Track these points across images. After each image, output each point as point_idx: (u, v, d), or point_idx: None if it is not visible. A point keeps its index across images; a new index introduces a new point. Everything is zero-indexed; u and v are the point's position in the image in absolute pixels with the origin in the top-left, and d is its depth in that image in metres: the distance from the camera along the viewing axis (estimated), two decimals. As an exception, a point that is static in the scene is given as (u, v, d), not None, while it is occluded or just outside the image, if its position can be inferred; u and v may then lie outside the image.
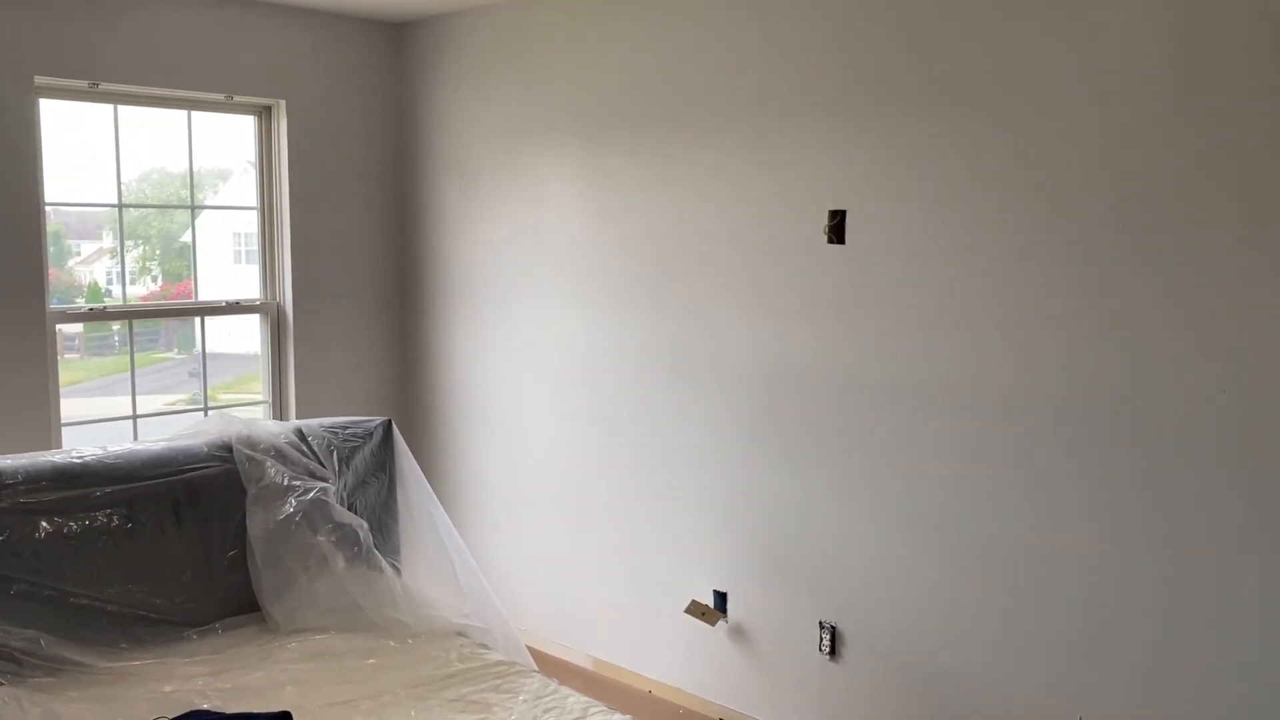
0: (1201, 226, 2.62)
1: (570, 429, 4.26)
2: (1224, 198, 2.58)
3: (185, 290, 4.60)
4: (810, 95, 3.38)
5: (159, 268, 4.66)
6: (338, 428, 3.35)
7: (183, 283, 4.63)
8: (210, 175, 4.63)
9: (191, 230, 4.54)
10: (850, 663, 3.42)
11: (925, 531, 3.21)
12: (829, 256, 3.38)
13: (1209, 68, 2.58)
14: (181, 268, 4.64)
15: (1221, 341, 2.61)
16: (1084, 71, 2.79)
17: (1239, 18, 2.52)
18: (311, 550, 3.05)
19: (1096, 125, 2.77)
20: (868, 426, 3.32)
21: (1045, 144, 2.88)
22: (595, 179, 4.07)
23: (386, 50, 4.85)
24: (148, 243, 4.59)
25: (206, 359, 4.54)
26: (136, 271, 4.52)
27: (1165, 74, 2.65)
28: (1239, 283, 2.57)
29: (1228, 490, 2.62)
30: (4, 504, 2.75)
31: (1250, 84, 2.52)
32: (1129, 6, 2.70)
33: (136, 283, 4.50)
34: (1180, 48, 2.62)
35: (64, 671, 2.70)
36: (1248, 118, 2.53)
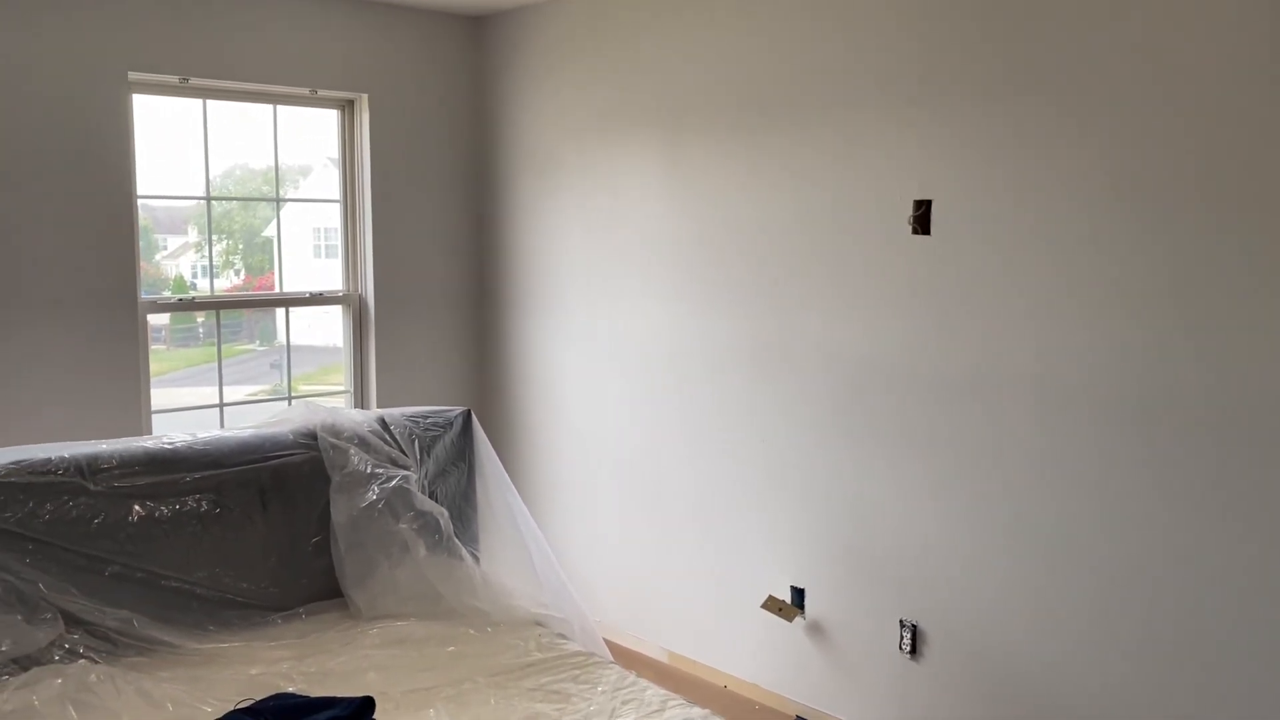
0: (1312, 215, 2.51)
1: (646, 422, 4.24)
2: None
3: (267, 283, 4.69)
4: (896, 84, 3.31)
5: (242, 261, 4.75)
6: (419, 417, 3.37)
7: (264, 276, 4.73)
8: (291, 171, 4.71)
9: (276, 224, 4.62)
10: (931, 662, 3.36)
11: (1012, 529, 3.13)
12: (914, 247, 3.31)
13: (1322, 48, 2.47)
14: (264, 261, 4.73)
15: (1333, 335, 2.50)
16: (1184, 59, 2.68)
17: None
18: (393, 537, 3.07)
19: (1194, 115, 2.66)
20: (953, 421, 3.25)
21: (1140, 134, 2.78)
22: (674, 171, 4.04)
23: (466, 44, 4.88)
24: (231, 237, 4.69)
25: (289, 351, 4.63)
26: (220, 265, 4.62)
27: (1267, 63, 2.54)
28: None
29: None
30: (100, 488, 2.82)
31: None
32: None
33: (220, 276, 4.60)
34: None
35: (155, 652, 2.76)
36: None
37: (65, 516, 2.75)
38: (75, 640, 2.68)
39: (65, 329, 3.87)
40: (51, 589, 2.68)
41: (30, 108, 3.74)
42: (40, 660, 2.61)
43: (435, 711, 2.49)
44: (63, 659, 2.64)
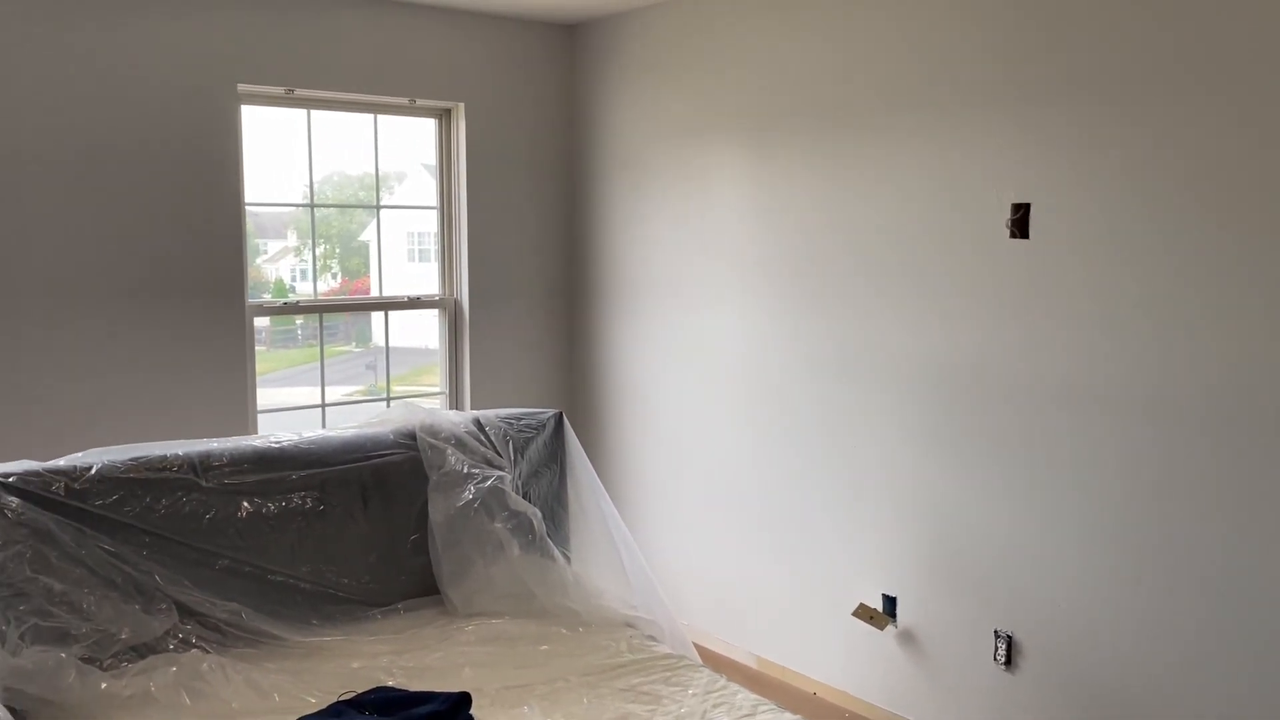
0: None
1: (735, 427, 4.25)
2: None
3: (363, 286, 4.82)
4: (992, 84, 3.26)
5: (339, 265, 4.89)
6: (512, 418, 3.43)
7: (360, 279, 4.86)
8: (387, 177, 4.83)
9: (376, 229, 4.75)
10: (1027, 674, 3.29)
11: (1117, 541, 3.05)
12: (1010, 252, 3.26)
13: None
14: (359, 265, 4.86)
15: None
16: (1301, 52, 2.59)
17: None
18: (489, 537, 3.14)
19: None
20: (1052, 430, 3.19)
21: (1257, 136, 2.69)
22: (764, 176, 4.04)
23: (560, 52, 4.95)
24: (328, 241, 4.83)
25: (388, 353, 4.75)
26: (318, 269, 4.76)
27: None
28: None
29: None
30: (211, 484, 2.94)
31: None
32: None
33: (318, 279, 4.74)
34: None
35: (262, 643, 2.87)
36: None
37: (179, 511, 2.88)
38: (188, 630, 2.79)
39: (178, 330, 4.03)
40: (167, 581, 2.80)
41: (147, 118, 3.92)
42: (156, 649, 2.73)
43: (529, 709, 2.54)
44: (176, 648, 2.75)
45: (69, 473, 2.77)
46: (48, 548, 2.67)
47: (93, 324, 3.85)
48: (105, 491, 2.78)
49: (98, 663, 2.63)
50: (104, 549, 2.74)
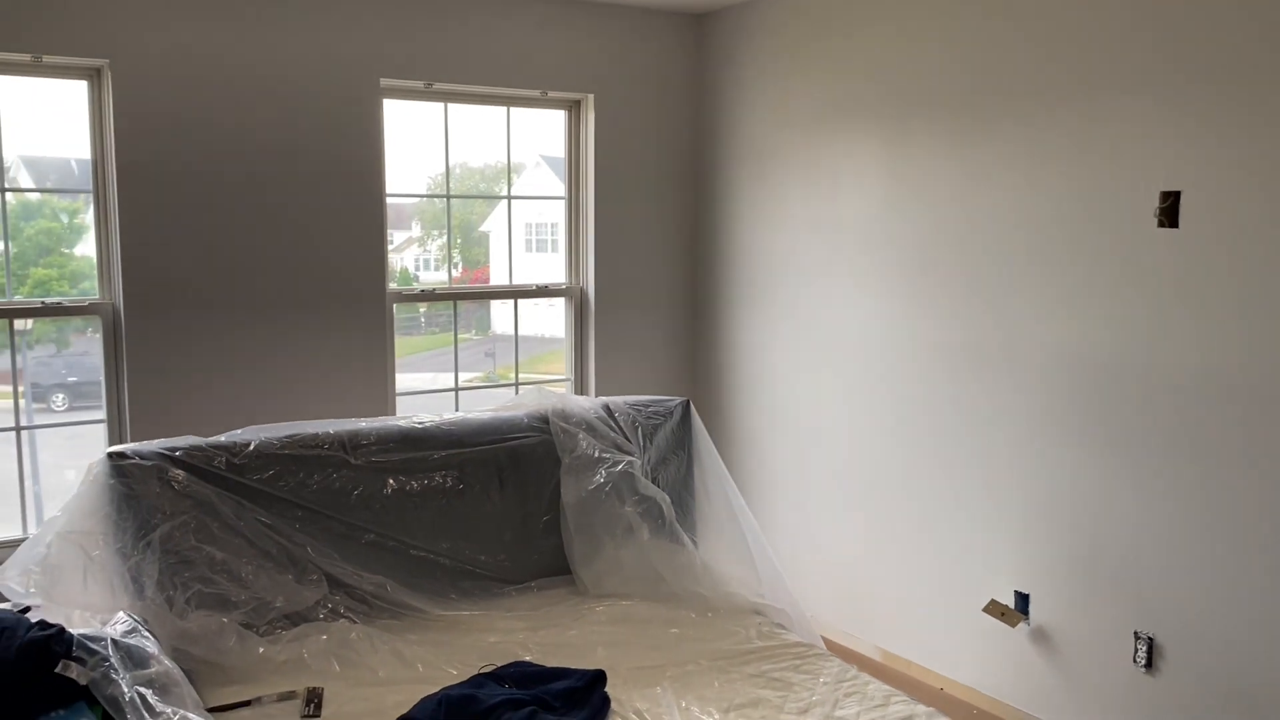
0: None
1: (863, 419, 4.22)
2: None
3: (483, 276, 4.93)
4: (1140, 69, 3.16)
5: (459, 255, 5.01)
6: (640, 405, 3.49)
7: (481, 269, 4.97)
8: (502, 170, 4.91)
9: (508, 218, 4.86)
10: (1168, 678, 3.20)
11: (1262, 542, 2.94)
12: (1158, 242, 3.16)
13: None
14: (479, 254, 4.97)
15: None
16: None
17: None
18: (618, 520, 3.20)
19: None
20: (1194, 426, 3.08)
21: None
22: (898, 166, 4.00)
23: (688, 42, 4.98)
24: (450, 232, 4.96)
25: (517, 340, 4.86)
26: (440, 259, 4.90)
27: None
28: None
29: None
30: (360, 462, 3.07)
31: None
32: None
33: (440, 269, 4.87)
34: None
35: (404, 615, 2.99)
36: None
37: (330, 487, 3.02)
38: (337, 601, 2.94)
39: (326, 318, 4.22)
40: (318, 553, 2.95)
41: (295, 114, 4.10)
42: (307, 617, 2.88)
43: (661, 690, 2.59)
44: (326, 617, 2.90)
45: (230, 448, 2.93)
46: (210, 518, 2.84)
47: (250, 315, 4.06)
48: (262, 466, 2.94)
49: (255, 629, 2.78)
50: (261, 521, 2.90)
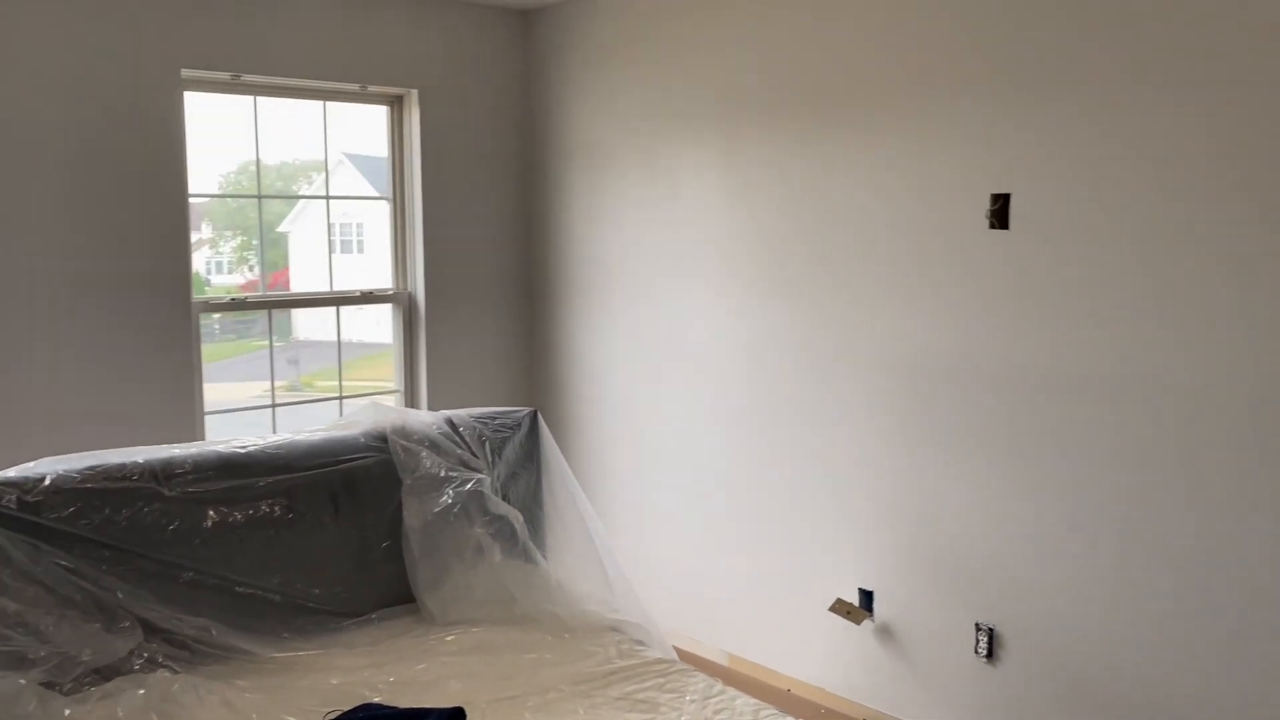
0: None
1: (707, 422, 4.18)
2: None
3: (282, 279, 4.61)
4: (971, 73, 3.24)
5: (255, 257, 4.68)
6: (486, 418, 3.32)
7: (279, 272, 4.66)
8: (305, 167, 4.61)
9: (326, 220, 4.56)
10: (1009, 666, 3.29)
11: (1093, 531, 3.06)
12: (990, 243, 3.24)
13: None
14: (278, 257, 4.64)
15: None
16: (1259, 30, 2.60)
17: None
18: (468, 542, 3.03)
19: None
20: (1029, 422, 3.18)
21: (1242, 123, 2.69)
22: (735, 165, 3.98)
23: (516, 37, 4.82)
24: (245, 233, 4.62)
25: (340, 350, 4.57)
26: (234, 261, 4.56)
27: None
28: None
29: None
30: (174, 493, 2.77)
31: None
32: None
33: (234, 272, 4.53)
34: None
35: (232, 660, 2.72)
36: None
37: (141, 523, 2.71)
38: (154, 649, 2.64)
39: (122, 329, 3.82)
40: (129, 596, 2.64)
41: (85, 105, 3.69)
42: (120, 670, 2.57)
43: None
44: (142, 668, 2.60)
45: (20, 484, 2.59)
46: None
47: (31, 323, 3.63)
48: (61, 503, 2.61)
49: (59, 687, 2.46)
50: (61, 564, 2.57)
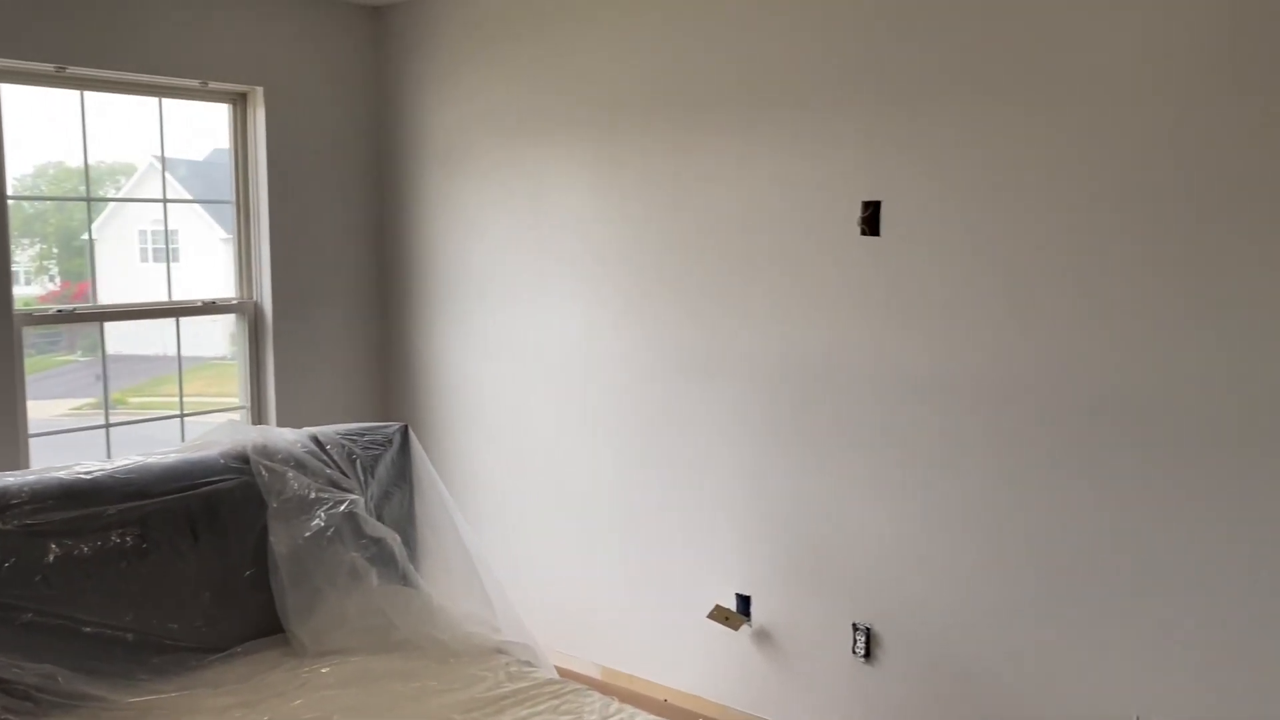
0: (1256, 223, 2.59)
1: (578, 430, 4.11)
2: None
3: (84, 291, 4.25)
4: (844, 83, 3.29)
5: (57, 267, 4.32)
6: (355, 435, 3.15)
7: (83, 282, 4.30)
8: (112, 170, 4.29)
9: (164, 225, 4.25)
10: (887, 665, 3.36)
11: (964, 530, 3.15)
12: (862, 249, 3.30)
13: (1267, 55, 2.55)
14: (80, 266, 4.29)
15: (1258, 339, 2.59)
16: (1127, 57, 2.74)
17: (1309, 9, 2.50)
18: (342, 566, 2.85)
19: (1159, 114, 2.73)
20: (901, 424, 3.25)
21: (1086, 134, 2.83)
22: (606, 170, 3.92)
23: (369, 34, 4.62)
24: (45, 240, 4.27)
25: (181, 364, 4.26)
26: (33, 271, 4.20)
27: (1218, 61, 2.62)
28: None
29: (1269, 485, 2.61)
30: (9, 526, 2.50)
31: (1320, 75, 2.50)
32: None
33: (32, 283, 4.17)
34: (1237, 30, 2.59)
35: (82, 708, 2.46)
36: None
37: (-30, 561, 2.43)
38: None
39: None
40: (-41, 645, 2.35)
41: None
42: (-49, 728, 2.29)
43: (418, 756, 2.31)
44: (-22, 724, 2.32)
45: None
46: None
47: None
48: (-126, 545, 2.30)
49: (-122, 754, 2.17)
50: (-124, 614, 2.26)
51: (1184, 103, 2.68)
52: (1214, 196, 2.66)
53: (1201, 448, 2.72)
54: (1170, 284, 2.74)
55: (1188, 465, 2.74)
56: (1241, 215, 2.62)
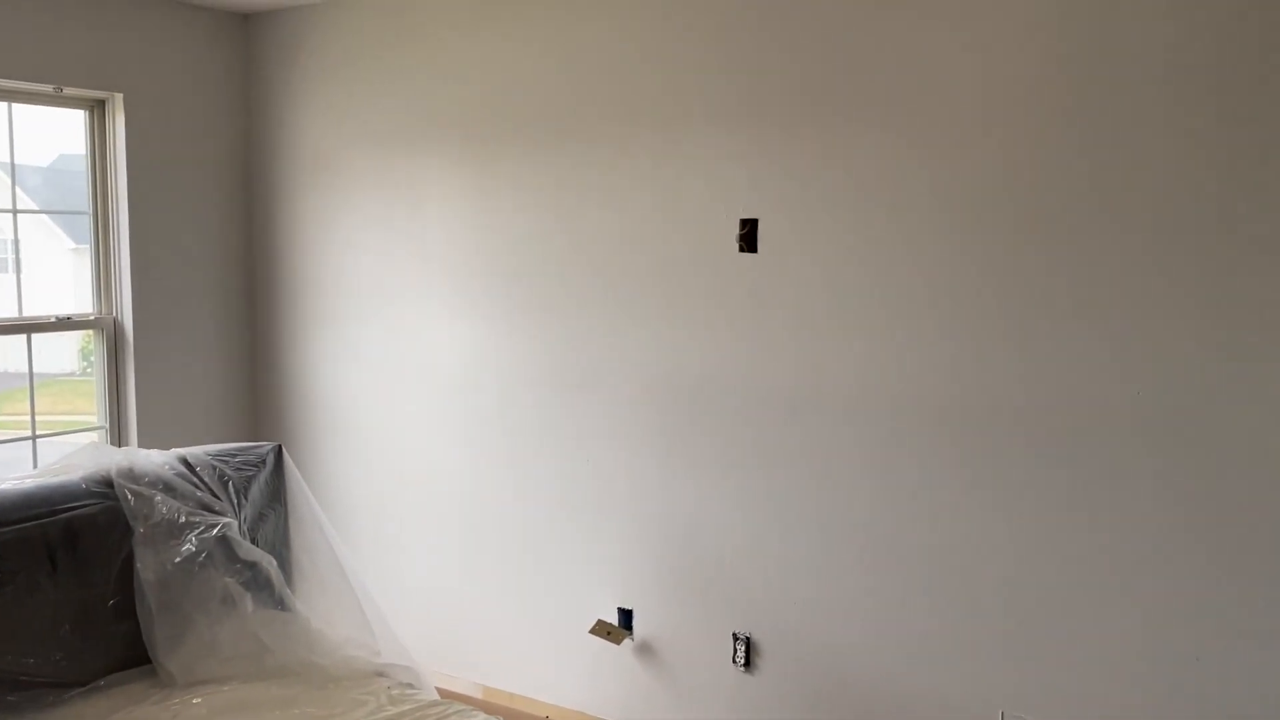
0: (1110, 235, 2.77)
1: (456, 447, 4.06)
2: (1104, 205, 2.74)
3: None
4: (719, 102, 3.36)
5: None
6: (226, 455, 3.04)
7: None
8: None
9: (14, 233, 4.02)
10: (766, 673, 3.43)
11: (839, 538, 3.25)
12: (741, 266, 3.37)
13: (1087, 88, 2.73)
14: None
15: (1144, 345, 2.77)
16: (971, 90, 2.89)
17: (1132, 29, 2.69)
18: (215, 593, 2.75)
19: (989, 134, 2.88)
20: (778, 436, 3.33)
21: (943, 153, 2.97)
22: (486, 184, 3.90)
23: (237, 42, 4.48)
24: None
25: (33, 384, 4.03)
26: None
27: (1048, 94, 2.79)
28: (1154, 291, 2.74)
29: (1150, 496, 2.79)
30: None
31: (1143, 105, 2.68)
32: (1024, 17, 2.82)
33: None
34: (1062, 67, 2.77)
35: (-72, 753, 2.31)
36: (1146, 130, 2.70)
37: None
38: None
39: None
40: None
41: None
42: None
43: (299, 786, 2.25)
44: None
45: None
46: None
47: None
48: None
49: None
50: None
51: (1019, 128, 2.85)
52: (1046, 210, 2.82)
53: (1065, 451, 2.88)
54: (1014, 293, 2.89)
55: (1051, 468, 2.90)
56: (1070, 228, 2.79)
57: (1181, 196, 2.67)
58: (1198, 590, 2.72)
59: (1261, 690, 2.65)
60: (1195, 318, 2.67)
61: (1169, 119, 2.67)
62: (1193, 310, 2.67)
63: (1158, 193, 2.70)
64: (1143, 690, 2.80)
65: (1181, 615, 2.74)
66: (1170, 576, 2.75)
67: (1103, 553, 2.84)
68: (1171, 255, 2.69)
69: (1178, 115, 2.66)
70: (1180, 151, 2.66)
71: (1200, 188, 2.65)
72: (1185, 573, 2.73)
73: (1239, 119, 2.59)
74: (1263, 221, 2.57)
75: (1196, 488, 2.70)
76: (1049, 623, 2.92)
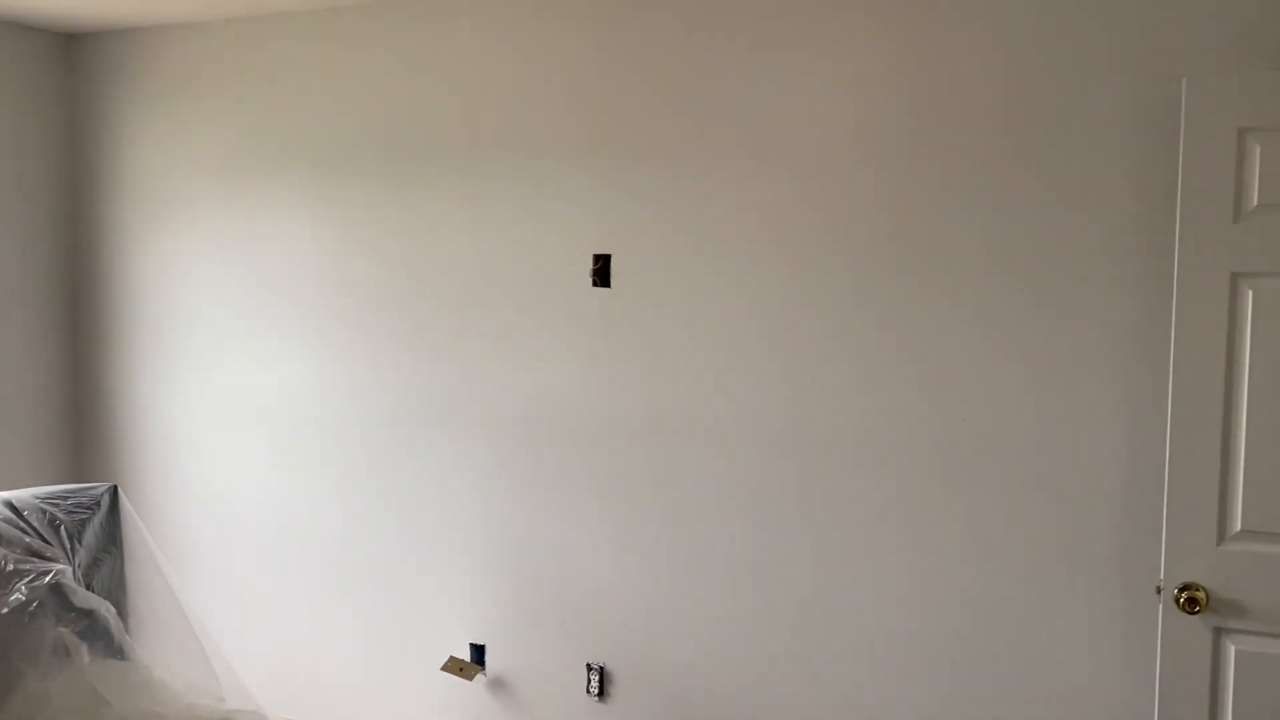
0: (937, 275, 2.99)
1: (300, 487, 3.96)
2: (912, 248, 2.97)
3: None
4: (572, 140, 3.43)
5: None
6: (57, 498, 2.88)
7: None
8: None
9: None
10: (620, 702, 3.47)
11: (688, 565, 3.34)
12: (594, 300, 3.44)
13: (938, 132, 2.96)
14: None
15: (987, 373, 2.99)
16: (836, 132, 3.08)
17: (964, 73, 2.93)
18: (47, 644, 2.59)
19: (844, 178, 3.07)
20: (632, 468, 3.41)
21: (784, 191, 3.15)
22: (331, 214, 3.84)
23: (58, 62, 4.27)
24: None
25: None
26: None
27: (906, 137, 3.00)
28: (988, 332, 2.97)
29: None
30: None
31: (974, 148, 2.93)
32: (854, 64, 3.03)
33: None
34: (918, 112, 2.99)
35: None
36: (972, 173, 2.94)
37: None
38: None
39: None
40: None
41: None
42: None
43: (146, 843, 2.15)
44: None
45: None
46: None
47: None
48: None
49: None
50: None
51: (880, 169, 3.04)
52: (909, 246, 3.02)
53: (887, 474, 3.06)
54: (849, 330, 3.08)
55: (880, 489, 3.08)
56: (929, 262, 3.00)
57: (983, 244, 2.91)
58: (1007, 593, 2.94)
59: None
60: (1004, 355, 2.91)
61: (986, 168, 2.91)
62: (1003, 345, 2.92)
63: (979, 238, 2.93)
64: (974, 692, 3.00)
65: (990, 615, 2.96)
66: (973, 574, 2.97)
67: (929, 563, 3.03)
68: (991, 300, 2.93)
69: (994, 168, 2.90)
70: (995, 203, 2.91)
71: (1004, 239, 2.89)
72: (994, 570, 2.95)
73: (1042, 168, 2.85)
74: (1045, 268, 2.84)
75: (1001, 502, 2.93)
76: (911, 642, 3.09)
